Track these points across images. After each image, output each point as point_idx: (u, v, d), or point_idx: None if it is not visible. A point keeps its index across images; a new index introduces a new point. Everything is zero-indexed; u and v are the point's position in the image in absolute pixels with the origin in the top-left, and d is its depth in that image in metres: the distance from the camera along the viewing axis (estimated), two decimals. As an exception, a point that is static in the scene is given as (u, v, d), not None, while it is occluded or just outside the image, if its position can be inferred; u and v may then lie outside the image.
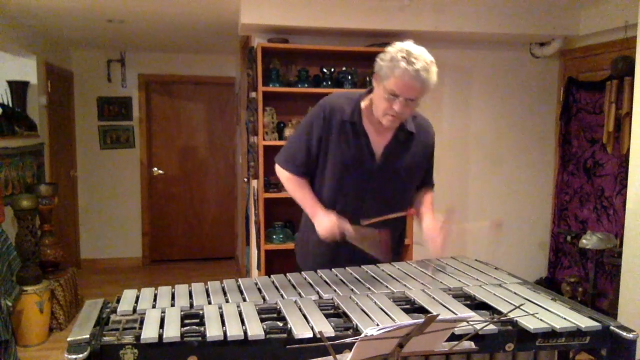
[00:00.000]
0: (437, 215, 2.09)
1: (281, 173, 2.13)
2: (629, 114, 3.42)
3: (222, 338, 1.35)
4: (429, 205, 2.18)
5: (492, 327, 1.43)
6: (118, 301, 1.63)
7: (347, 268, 1.96)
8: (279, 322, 1.47)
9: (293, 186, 2.10)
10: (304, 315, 1.48)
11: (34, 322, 3.81)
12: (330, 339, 1.31)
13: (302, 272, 1.92)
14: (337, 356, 1.13)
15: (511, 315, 1.46)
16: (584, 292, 3.83)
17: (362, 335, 1.04)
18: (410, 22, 3.82)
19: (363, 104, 2.04)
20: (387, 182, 2.05)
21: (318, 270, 1.94)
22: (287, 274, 1.89)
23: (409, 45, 1.88)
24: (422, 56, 1.86)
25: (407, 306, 1.61)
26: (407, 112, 1.93)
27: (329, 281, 1.81)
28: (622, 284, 2.94)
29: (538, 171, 4.54)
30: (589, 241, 3.48)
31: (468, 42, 4.26)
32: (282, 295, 1.67)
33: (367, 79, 3.86)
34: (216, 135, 6.27)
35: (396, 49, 1.87)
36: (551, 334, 1.45)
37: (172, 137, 6.16)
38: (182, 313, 1.52)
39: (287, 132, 3.77)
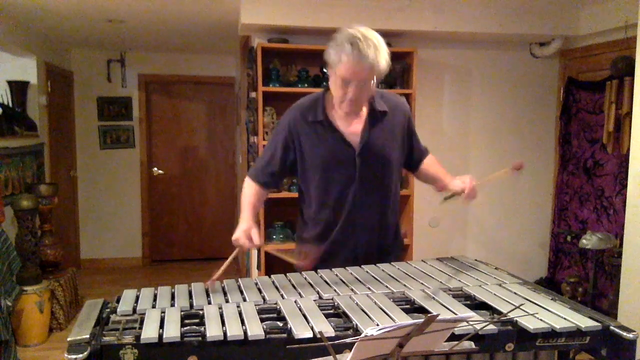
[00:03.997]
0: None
1: (245, 180, 2.16)
2: (629, 114, 3.42)
3: (222, 338, 1.35)
4: (439, 166, 2.17)
5: (492, 327, 1.43)
6: (118, 301, 1.63)
7: (347, 268, 1.96)
8: (279, 322, 1.47)
9: (245, 190, 2.12)
10: (304, 315, 1.48)
11: (34, 322, 3.81)
12: (330, 339, 1.31)
13: (302, 272, 1.92)
14: (337, 356, 1.13)
15: (511, 315, 1.45)
16: (584, 292, 3.83)
17: (362, 335, 1.04)
18: (410, 22, 3.82)
19: (327, 99, 2.04)
20: (371, 167, 2.04)
21: (318, 270, 1.94)
22: (287, 274, 1.89)
23: (354, 29, 1.86)
24: (368, 37, 1.83)
25: (407, 306, 1.61)
26: (364, 96, 1.93)
27: (329, 281, 1.81)
28: (622, 284, 2.94)
29: (538, 171, 4.54)
30: (589, 241, 3.48)
31: (468, 42, 4.26)
32: (282, 295, 1.67)
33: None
34: (216, 135, 6.27)
35: (342, 35, 1.86)
36: (551, 334, 1.45)
37: (172, 137, 6.16)
38: (182, 313, 1.52)
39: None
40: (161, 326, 1.41)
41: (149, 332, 1.36)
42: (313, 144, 2.02)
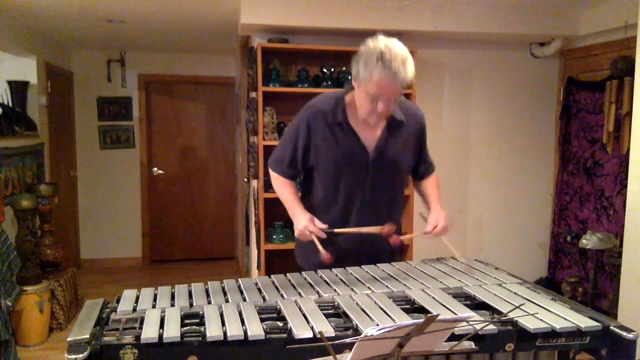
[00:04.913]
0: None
1: (271, 173, 2.20)
2: (629, 114, 3.42)
3: (222, 338, 1.35)
4: (435, 188, 2.21)
5: (492, 327, 1.43)
6: (118, 301, 1.63)
7: (347, 268, 1.96)
8: (279, 322, 1.47)
9: (278, 185, 2.16)
10: (304, 315, 1.48)
11: (34, 322, 3.81)
12: (330, 339, 1.31)
13: (302, 272, 1.92)
14: (337, 356, 1.13)
15: (511, 315, 1.46)
16: (584, 292, 3.83)
17: (362, 335, 1.04)
18: (410, 22, 3.82)
19: (347, 102, 2.04)
20: (382, 174, 2.06)
21: (318, 270, 1.94)
22: (287, 274, 1.89)
23: (380, 42, 1.85)
24: (396, 51, 1.83)
25: (407, 306, 1.61)
26: (391, 108, 1.95)
27: (329, 281, 1.81)
28: (622, 284, 2.94)
29: (538, 171, 4.54)
30: (589, 241, 3.48)
31: (468, 42, 4.26)
32: (282, 295, 1.67)
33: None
34: (216, 135, 6.27)
35: (369, 49, 1.86)
36: (551, 334, 1.45)
37: (172, 137, 6.16)
38: (182, 313, 1.52)
39: (287, 132, 3.77)
40: (161, 326, 1.41)
41: (149, 332, 1.36)
42: (329, 145, 2.03)
